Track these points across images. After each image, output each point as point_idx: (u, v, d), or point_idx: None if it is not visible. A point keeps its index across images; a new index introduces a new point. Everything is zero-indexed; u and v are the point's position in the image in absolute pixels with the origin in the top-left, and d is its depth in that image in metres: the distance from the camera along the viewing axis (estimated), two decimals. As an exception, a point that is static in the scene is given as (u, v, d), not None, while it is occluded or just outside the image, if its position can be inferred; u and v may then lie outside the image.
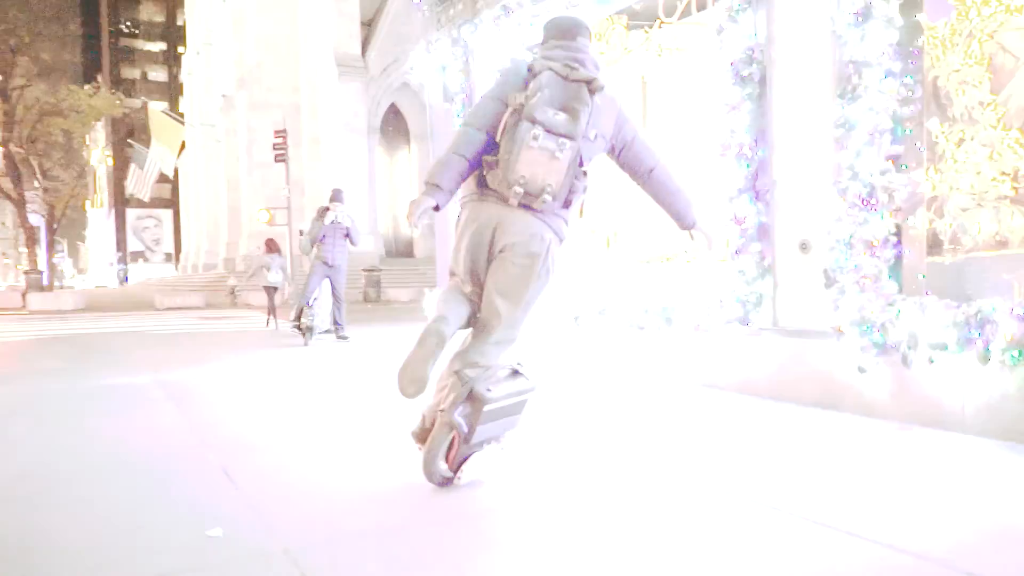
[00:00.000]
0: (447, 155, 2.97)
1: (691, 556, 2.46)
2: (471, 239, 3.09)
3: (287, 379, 6.92)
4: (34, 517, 3.10)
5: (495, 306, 3.09)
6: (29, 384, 7.06)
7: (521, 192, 2.93)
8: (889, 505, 2.89)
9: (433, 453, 3.09)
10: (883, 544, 2.50)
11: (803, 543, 2.54)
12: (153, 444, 4.32)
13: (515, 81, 3.01)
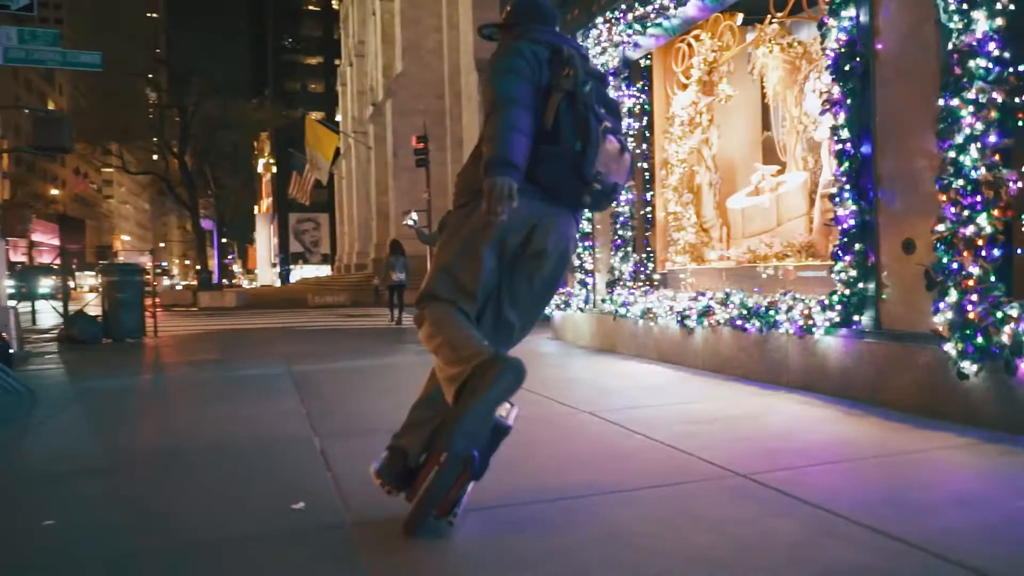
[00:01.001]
0: (505, 132, 2.41)
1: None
2: (498, 244, 2.58)
3: (399, 374, 7.34)
4: (163, 482, 3.58)
5: (506, 321, 2.68)
6: (184, 372, 7.91)
7: (598, 189, 2.60)
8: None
9: (436, 495, 2.58)
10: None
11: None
12: (269, 427, 4.80)
13: (536, 63, 2.58)
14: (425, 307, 2.65)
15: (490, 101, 2.49)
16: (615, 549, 2.54)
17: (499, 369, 2.37)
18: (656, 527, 2.75)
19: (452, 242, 2.62)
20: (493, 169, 2.36)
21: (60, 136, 9.71)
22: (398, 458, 2.76)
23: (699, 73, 7.67)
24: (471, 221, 2.57)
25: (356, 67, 59.60)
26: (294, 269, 75.95)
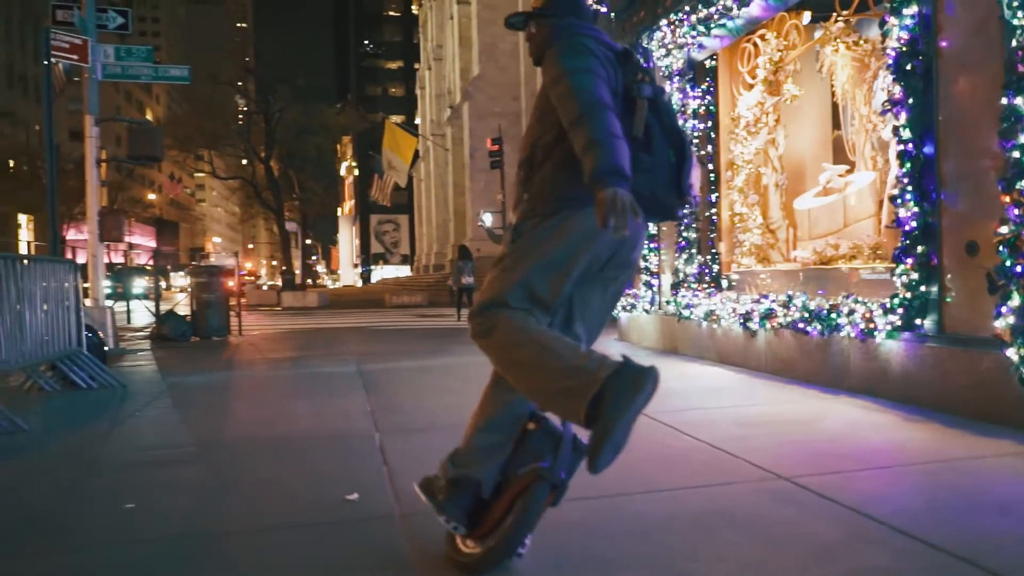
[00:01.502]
0: (612, 139, 2.17)
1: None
2: (590, 259, 2.39)
3: (462, 373, 7.53)
4: (235, 471, 3.85)
5: (574, 334, 2.49)
6: (263, 369, 8.32)
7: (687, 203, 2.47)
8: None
9: (529, 525, 2.36)
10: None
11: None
12: (335, 423, 5.05)
13: (608, 64, 2.41)
14: (497, 315, 2.33)
15: (569, 99, 2.24)
16: (642, 546, 2.63)
17: (644, 377, 2.14)
18: (688, 526, 2.82)
19: (536, 253, 2.33)
20: (608, 179, 2.08)
21: (152, 145, 10.34)
22: (470, 490, 2.40)
23: (765, 73, 7.59)
24: (567, 233, 2.31)
25: (434, 71, 60.64)
26: (375, 270, 77.70)
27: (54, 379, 6.64)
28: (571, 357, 2.22)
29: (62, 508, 3.36)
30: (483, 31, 43.39)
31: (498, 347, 2.34)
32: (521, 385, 2.32)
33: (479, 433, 2.48)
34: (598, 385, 2.12)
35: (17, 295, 5.74)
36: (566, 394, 2.18)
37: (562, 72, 2.30)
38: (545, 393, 2.25)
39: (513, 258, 2.37)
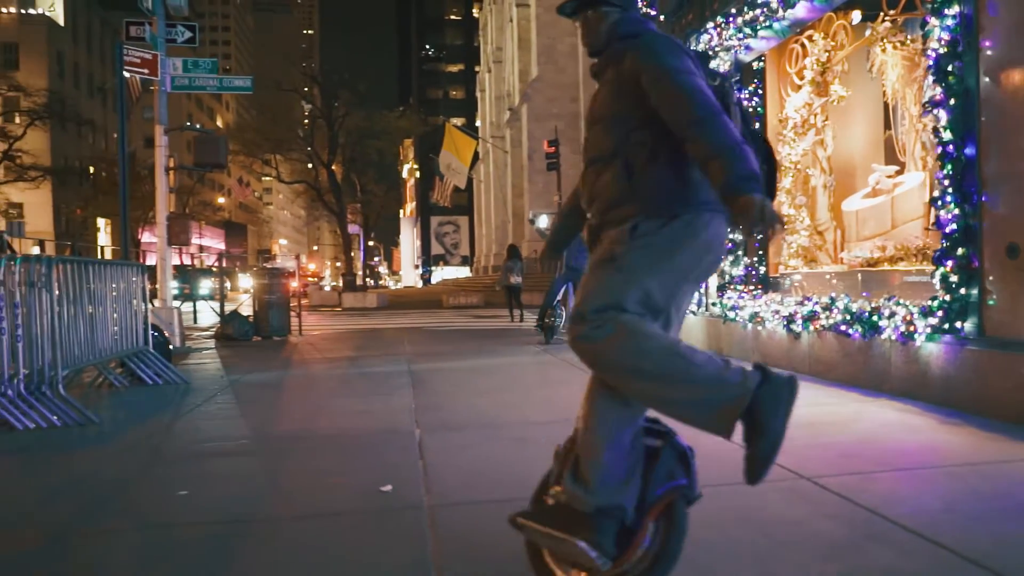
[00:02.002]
0: (741, 145, 2.08)
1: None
2: (713, 266, 2.35)
3: (508, 373, 7.70)
4: (282, 463, 4.10)
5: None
6: (318, 368, 8.64)
7: None
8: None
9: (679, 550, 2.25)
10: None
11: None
12: (380, 420, 5.28)
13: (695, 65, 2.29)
14: (615, 319, 2.14)
15: (681, 100, 2.14)
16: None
17: (792, 386, 2.13)
18: (699, 522, 2.92)
19: (659, 257, 2.19)
20: (747, 185, 1.99)
21: (216, 153, 10.82)
22: (616, 518, 2.15)
23: (812, 74, 7.55)
24: (694, 238, 2.21)
25: (494, 73, 61.14)
26: (435, 271, 78.69)
27: (123, 375, 7.06)
28: (711, 366, 2.12)
29: (125, 493, 3.66)
30: (542, 33, 43.60)
31: (617, 353, 2.13)
32: (647, 395, 2.15)
33: (608, 454, 2.16)
34: (750, 396, 2.08)
35: (90, 296, 6.15)
36: (713, 406, 2.10)
37: (667, 70, 2.18)
38: (682, 404, 2.13)
39: (632, 259, 2.19)
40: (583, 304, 2.19)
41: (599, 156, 2.32)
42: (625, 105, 2.27)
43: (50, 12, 53.31)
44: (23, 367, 5.19)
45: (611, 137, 2.30)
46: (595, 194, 2.34)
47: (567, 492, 2.19)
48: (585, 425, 2.21)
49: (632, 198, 2.23)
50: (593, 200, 2.35)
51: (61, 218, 50.44)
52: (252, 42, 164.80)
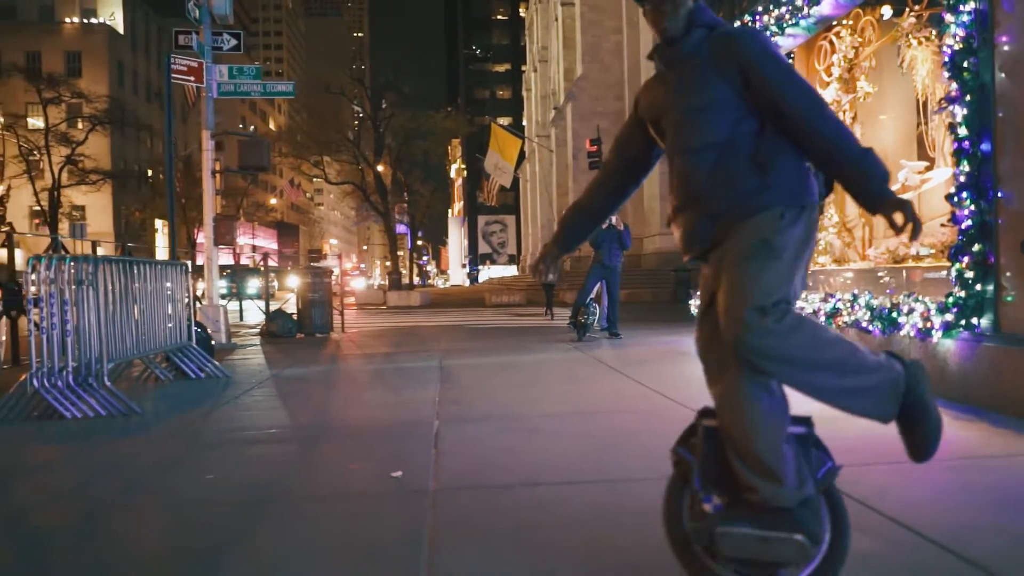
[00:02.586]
0: (862, 145, 2.17)
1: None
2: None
3: (536, 369, 7.85)
4: (305, 450, 4.34)
5: None
6: (355, 363, 8.93)
7: None
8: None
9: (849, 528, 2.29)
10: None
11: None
12: (403, 412, 5.49)
13: None
14: (790, 310, 2.14)
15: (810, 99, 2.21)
16: (643, 521, 2.89)
17: (923, 368, 2.22)
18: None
19: (803, 247, 2.23)
20: (889, 189, 2.10)
21: (260, 157, 11.21)
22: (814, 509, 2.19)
23: (839, 71, 7.53)
24: (814, 230, 2.28)
25: (540, 72, 61.26)
26: (482, 269, 79.19)
27: (168, 369, 7.42)
28: (869, 354, 2.17)
29: (159, 476, 3.93)
30: (586, 32, 43.57)
31: (796, 345, 2.10)
32: (818, 385, 2.15)
33: (787, 448, 2.16)
34: (903, 379, 2.16)
35: (136, 294, 6.50)
36: (881, 391, 2.17)
37: (788, 67, 2.25)
38: (852, 393, 2.17)
39: (788, 248, 2.19)
40: (760, 297, 2.11)
41: (706, 144, 2.27)
42: (729, 95, 2.25)
43: (110, 21, 55.23)
44: (72, 360, 5.53)
45: (720, 126, 2.27)
46: (712, 182, 2.27)
47: (768, 494, 2.13)
48: (747, 427, 2.14)
49: (768, 187, 2.21)
50: (705, 189, 2.28)
51: (121, 220, 52.24)
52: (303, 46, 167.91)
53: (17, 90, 43.41)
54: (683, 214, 2.35)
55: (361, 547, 2.76)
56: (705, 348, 2.33)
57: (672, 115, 2.35)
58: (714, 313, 2.23)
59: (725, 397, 2.18)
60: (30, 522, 3.29)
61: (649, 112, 2.45)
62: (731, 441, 2.17)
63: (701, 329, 2.34)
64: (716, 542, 2.14)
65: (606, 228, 10.88)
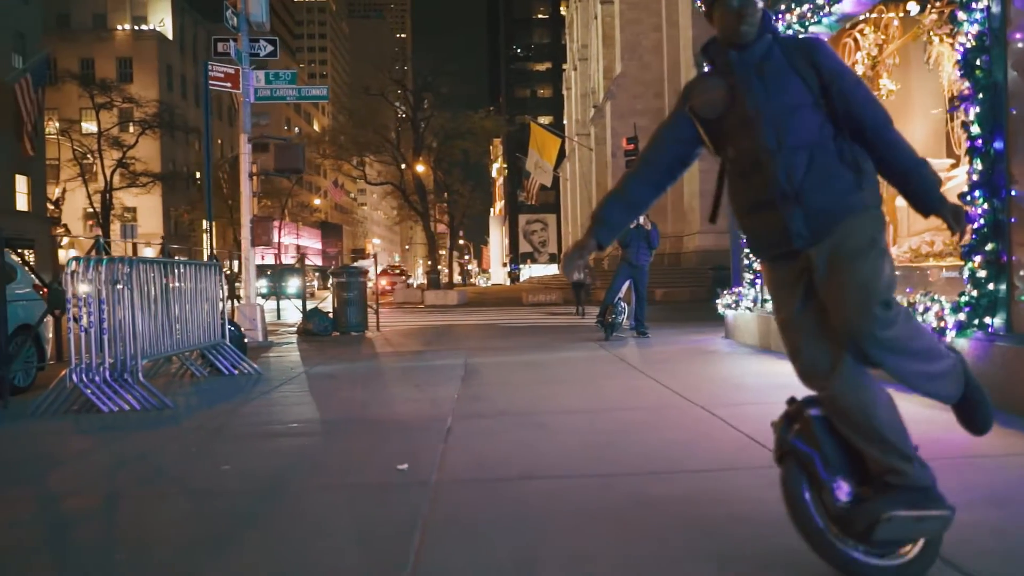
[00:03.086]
0: (912, 149, 2.38)
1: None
2: None
3: (560, 367, 7.96)
4: (322, 442, 4.53)
5: None
6: (383, 361, 9.14)
7: None
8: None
9: None
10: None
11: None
12: (420, 408, 5.66)
13: None
14: (901, 305, 2.33)
15: (880, 109, 2.40)
16: (628, 512, 2.99)
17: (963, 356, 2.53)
18: (677, 498, 3.15)
19: (888, 252, 2.37)
20: (942, 193, 2.36)
21: (295, 159, 11.52)
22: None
23: (863, 68, 7.49)
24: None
25: (580, 71, 61.18)
26: (523, 268, 79.32)
27: (203, 366, 7.71)
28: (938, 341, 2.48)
29: (180, 465, 4.16)
30: (626, 29, 43.41)
31: (906, 338, 2.27)
32: (917, 373, 2.30)
33: (907, 436, 2.34)
34: (962, 363, 2.44)
35: (172, 293, 6.78)
36: (952, 375, 2.39)
37: (859, 78, 2.45)
38: (937, 377, 2.36)
39: (887, 247, 2.38)
40: (884, 292, 2.25)
41: (802, 143, 2.35)
42: (812, 99, 2.37)
43: (160, 27, 56.69)
44: (108, 357, 5.82)
45: (812, 126, 2.37)
46: (810, 181, 2.34)
47: (911, 474, 2.28)
48: (874, 413, 2.28)
49: (861, 188, 2.32)
50: (804, 187, 2.35)
51: (170, 221, 53.62)
52: (346, 48, 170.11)
53: (71, 96, 44.89)
54: (768, 212, 2.39)
55: (356, 533, 2.92)
56: (804, 340, 2.39)
57: (749, 114, 2.40)
58: (812, 308, 2.36)
59: (846, 386, 2.29)
60: (59, 505, 3.53)
61: (707, 110, 2.49)
62: (856, 428, 2.29)
63: (800, 322, 2.40)
64: (875, 529, 2.22)
65: (634, 227, 10.93)
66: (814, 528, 2.35)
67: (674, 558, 2.58)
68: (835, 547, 2.33)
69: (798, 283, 2.40)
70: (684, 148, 2.57)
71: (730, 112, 2.44)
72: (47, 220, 39.69)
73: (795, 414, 2.40)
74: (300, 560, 2.63)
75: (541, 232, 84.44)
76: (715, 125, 2.49)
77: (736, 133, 2.44)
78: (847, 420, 2.29)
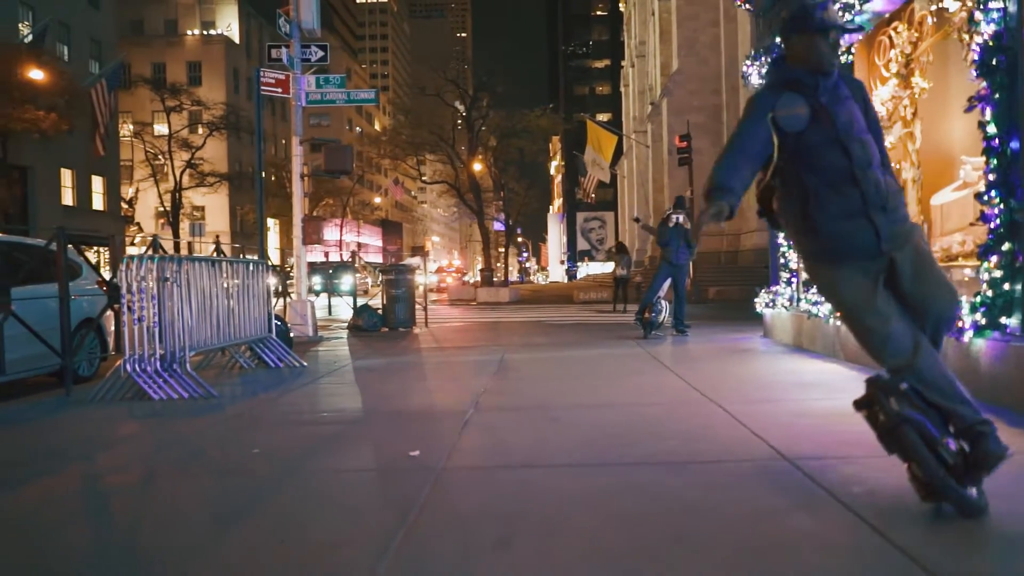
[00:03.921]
0: None
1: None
2: None
3: (593, 364, 8.12)
4: (346, 431, 4.83)
5: None
6: (424, 356, 9.44)
7: None
8: None
9: None
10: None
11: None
12: (446, 400, 5.92)
13: None
14: None
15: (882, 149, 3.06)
16: (609, 498, 3.18)
17: None
18: (672, 483, 3.33)
19: None
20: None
21: (344, 161, 11.93)
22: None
23: (896, 66, 7.44)
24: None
25: (637, 67, 60.78)
26: (580, 266, 79.20)
27: (250, 359, 8.13)
28: None
29: (215, 449, 4.50)
30: (683, 25, 43.02)
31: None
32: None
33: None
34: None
35: (220, 290, 7.19)
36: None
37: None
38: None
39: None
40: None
41: (876, 163, 2.92)
42: (866, 125, 2.98)
43: (227, 32, 58.58)
44: (159, 348, 6.24)
45: (874, 148, 2.94)
46: (893, 195, 2.92)
47: (989, 423, 2.87)
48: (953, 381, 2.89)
49: (906, 204, 3.11)
50: (893, 200, 2.92)
51: (236, 219, 55.39)
52: (408, 49, 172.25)
53: (144, 99, 46.80)
54: (860, 220, 2.88)
55: (355, 511, 3.18)
56: (892, 326, 2.86)
57: (840, 134, 2.90)
58: (892, 301, 2.89)
59: (930, 360, 2.85)
60: (101, 482, 3.89)
61: (790, 123, 2.92)
62: (944, 394, 2.84)
63: (887, 312, 2.88)
64: (997, 466, 2.81)
65: (673, 226, 11.01)
66: (940, 478, 2.74)
67: (647, 543, 2.74)
68: (957, 490, 2.75)
69: (877, 281, 2.89)
70: (766, 148, 2.98)
71: (813, 130, 2.89)
72: (121, 219, 41.51)
73: (889, 389, 2.83)
74: (299, 535, 2.89)
75: (599, 230, 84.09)
76: (792, 139, 2.92)
77: (823, 149, 2.89)
78: (936, 388, 2.83)
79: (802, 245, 3.11)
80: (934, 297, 2.90)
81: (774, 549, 2.62)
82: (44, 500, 3.53)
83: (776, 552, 2.59)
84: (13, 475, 3.99)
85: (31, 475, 4.00)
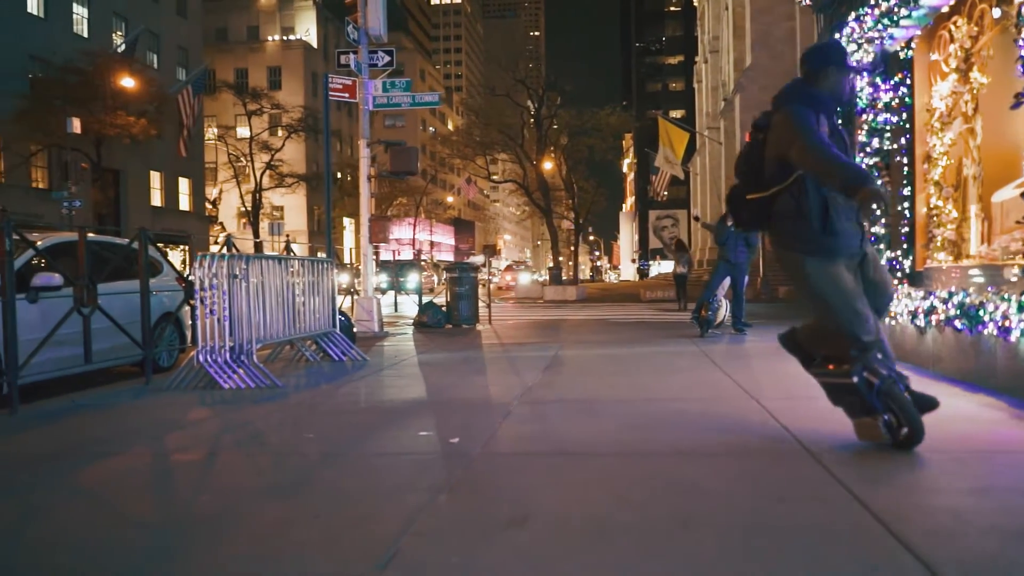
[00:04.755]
0: None
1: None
2: None
3: (642, 362, 8.23)
4: (384, 420, 5.13)
5: None
6: (482, 352, 9.72)
7: None
8: None
9: None
10: None
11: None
12: (494, 392, 6.17)
13: None
14: None
15: None
16: (628, 484, 3.36)
17: None
18: (689, 472, 3.48)
19: None
20: None
21: (409, 162, 12.33)
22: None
23: (956, 61, 7.30)
24: None
25: (711, 63, 59.80)
26: (652, 265, 78.51)
27: (315, 352, 8.55)
28: None
29: (273, 432, 4.86)
30: (756, 20, 42.20)
31: None
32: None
33: None
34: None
35: (287, 286, 7.62)
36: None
37: None
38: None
39: None
40: None
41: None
42: None
43: (306, 37, 60.44)
44: (229, 341, 6.68)
45: None
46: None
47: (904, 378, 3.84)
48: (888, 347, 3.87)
49: None
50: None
51: (314, 218, 57.12)
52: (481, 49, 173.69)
53: (227, 104, 48.81)
54: (855, 223, 3.69)
55: (389, 491, 3.44)
56: (866, 307, 3.65)
57: (845, 150, 3.72)
58: (860, 280, 3.72)
59: (879, 331, 3.71)
60: (169, 460, 4.28)
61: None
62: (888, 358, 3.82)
63: (862, 296, 3.68)
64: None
65: (731, 225, 10.98)
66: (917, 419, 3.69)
67: (653, 525, 2.91)
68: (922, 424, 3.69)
69: (855, 273, 3.69)
70: None
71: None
72: (206, 218, 43.42)
73: (867, 362, 3.72)
74: (334, 510, 3.17)
75: (671, 228, 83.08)
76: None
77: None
78: (885, 353, 3.76)
79: (804, 245, 3.65)
80: (887, 283, 3.85)
81: (771, 532, 2.75)
82: (124, 471, 3.95)
83: (776, 535, 2.72)
84: (100, 450, 4.45)
85: (114, 450, 4.46)
